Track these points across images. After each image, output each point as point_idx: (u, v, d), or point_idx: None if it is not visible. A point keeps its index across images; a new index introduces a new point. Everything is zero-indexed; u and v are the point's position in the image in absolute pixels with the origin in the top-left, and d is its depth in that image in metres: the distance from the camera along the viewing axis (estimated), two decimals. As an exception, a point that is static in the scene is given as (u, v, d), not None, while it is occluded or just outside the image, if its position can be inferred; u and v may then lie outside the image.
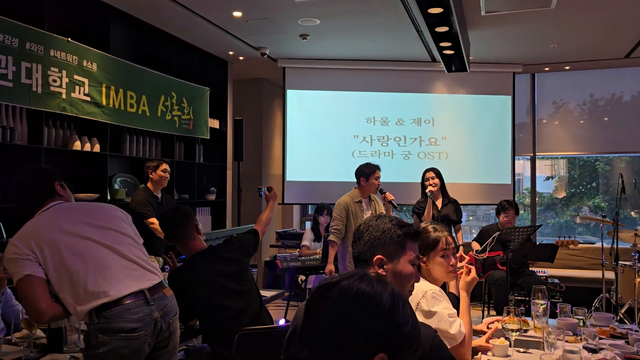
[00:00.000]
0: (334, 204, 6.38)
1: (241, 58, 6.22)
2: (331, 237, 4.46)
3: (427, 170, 4.90)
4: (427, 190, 4.74)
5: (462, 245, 4.98)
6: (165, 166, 4.33)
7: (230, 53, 6.04)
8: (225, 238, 2.98)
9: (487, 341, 2.34)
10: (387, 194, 4.49)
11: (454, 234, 4.95)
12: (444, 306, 2.02)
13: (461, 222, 5.03)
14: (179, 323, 2.40)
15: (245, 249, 2.91)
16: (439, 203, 4.84)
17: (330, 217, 6.03)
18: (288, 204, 6.85)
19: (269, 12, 4.70)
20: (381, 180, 4.53)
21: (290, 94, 6.55)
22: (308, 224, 6.93)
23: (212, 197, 6.06)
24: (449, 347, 1.95)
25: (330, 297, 0.97)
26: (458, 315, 2.17)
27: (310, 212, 7.94)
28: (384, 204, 4.73)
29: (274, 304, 6.21)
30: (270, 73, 6.89)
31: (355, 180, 4.62)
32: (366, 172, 4.49)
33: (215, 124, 6.12)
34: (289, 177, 6.53)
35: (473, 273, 2.25)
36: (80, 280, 2.07)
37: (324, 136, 6.57)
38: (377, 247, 1.62)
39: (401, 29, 5.15)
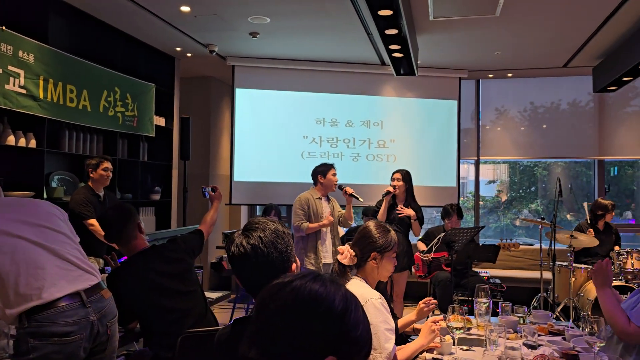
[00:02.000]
0: (282, 205, 6.35)
1: (189, 55, 6.08)
2: (302, 227, 4.37)
3: (395, 171, 4.84)
4: (384, 190, 4.72)
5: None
6: (106, 164, 4.16)
7: (178, 49, 5.89)
8: (170, 238, 2.89)
9: (420, 313, 2.47)
10: (347, 187, 4.50)
11: (411, 238, 4.97)
12: (382, 319, 2.03)
13: (421, 227, 4.91)
14: (119, 326, 2.29)
15: (190, 249, 2.83)
16: (400, 205, 4.79)
17: (278, 218, 5.99)
18: (235, 204, 6.75)
19: (218, 8, 4.61)
20: (330, 181, 4.54)
21: (239, 93, 6.46)
22: (256, 225, 6.84)
23: (157, 197, 5.89)
24: None
25: (281, 297, 0.94)
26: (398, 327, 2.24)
27: (258, 213, 7.85)
28: (342, 206, 4.72)
29: (220, 306, 6.10)
30: (219, 71, 6.78)
31: (306, 181, 4.63)
32: (323, 169, 4.54)
33: (160, 121, 5.95)
34: (236, 177, 6.43)
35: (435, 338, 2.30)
36: (10, 281, 1.95)
37: (272, 136, 6.52)
38: None
39: (352, 31, 5.18)
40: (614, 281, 4.77)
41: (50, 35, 4.34)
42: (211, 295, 3.65)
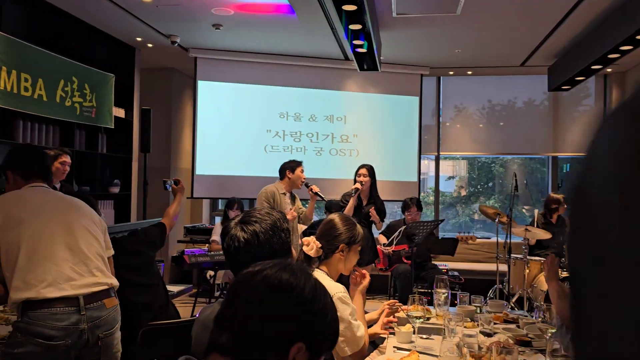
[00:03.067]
0: (245, 199, 6.32)
1: (150, 45, 5.96)
2: None
3: (361, 166, 4.95)
4: (353, 187, 4.80)
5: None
6: (64, 158, 4.05)
7: (138, 39, 5.77)
8: (130, 231, 2.85)
9: (384, 326, 2.47)
10: (313, 186, 4.55)
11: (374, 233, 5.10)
12: (350, 312, 2.08)
13: (383, 221, 5.08)
14: None
15: (151, 241, 2.80)
16: (365, 201, 4.92)
17: (240, 212, 5.96)
18: (197, 198, 6.68)
19: (181, -2, 4.54)
20: (295, 175, 4.59)
21: (202, 85, 6.38)
22: (218, 219, 6.80)
23: (116, 190, 5.76)
24: (349, 352, 2.02)
25: (252, 285, 0.97)
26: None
27: (220, 207, 7.79)
28: (302, 201, 4.76)
29: (182, 300, 6.03)
30: (181, 63, 6.67)
31: (270, 175, 4.67)
32: (292, 165, 4.58)
33: (120, 113, 5.82)
34: (198, 170, 6.36)
35: (367, 279, 2.44)
36: (22, 265, 1.99)
37: (235, 130, 6.47)
38: None
39: (316, 26, 5.18)
40: (565, 272, 4.97)
41: (4, 22, 4.18)
42: (172, 288, 3.62)
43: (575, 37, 5.38)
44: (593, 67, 5.29)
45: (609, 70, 6.69)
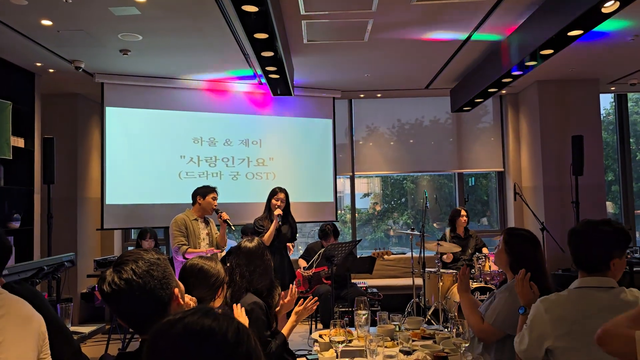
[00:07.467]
0: (159, 227, 6.12)
1: (51, 70, 5.65)
2: (181, 250, 4.31)
3: (279, 190, 5.03)
4: (275, 214, 4.88)
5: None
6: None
7: (38, 64, 5.45)
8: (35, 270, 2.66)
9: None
10: (223, 213, 4.56)
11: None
12: None
13: (295, 239, 5.32)
14: None
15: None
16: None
17: (154, 241, 5.78)
18: (108, 229, 6.36)
19: (84, 24, 4.36)
20: (211, 200, 4.56)
21: (110, 111, 6.13)
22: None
23: (16, 225, 5.36)
24: None
25: (173, 334, 0.95)
26: None
27: (133, 237, 7.47)
28: (217, 225, 4.72)
29: (94, 339, 5.70)
30: (86, 88, 6.38)
31: (184, 202, 4.61)
32: (203, 191, 4.58)
33: (19, 142, 5.45)
34: (108, 200, 6.07)
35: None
36: None
37: (147, 157, 6.26)
38: None
39: (228, 51, 5.19)
40: (475, 282, 5.27)
41: None
42: (83, 329, 3.40)
43: (472, 63, 5.79)
44: (489, 90, 5.70)
45: (503, 92, 7.24)
